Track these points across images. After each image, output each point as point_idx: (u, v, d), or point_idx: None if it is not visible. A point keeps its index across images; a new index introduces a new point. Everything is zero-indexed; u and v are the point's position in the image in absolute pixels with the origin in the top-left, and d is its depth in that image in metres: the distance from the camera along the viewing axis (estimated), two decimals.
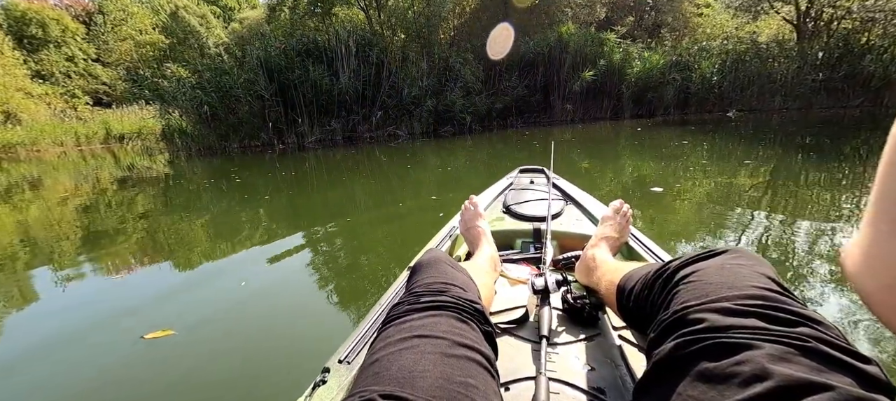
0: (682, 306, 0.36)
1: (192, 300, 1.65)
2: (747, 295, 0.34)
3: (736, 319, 0.32)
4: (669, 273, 0.43)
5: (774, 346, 0.28)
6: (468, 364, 0.38)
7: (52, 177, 6.11)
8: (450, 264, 0.57)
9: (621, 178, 3.41)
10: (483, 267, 0.73)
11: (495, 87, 9.01)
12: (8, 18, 15.07)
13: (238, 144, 7.62)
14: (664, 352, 0.34)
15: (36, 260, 2.23)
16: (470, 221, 0.94)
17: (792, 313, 0.31)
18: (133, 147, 10.54)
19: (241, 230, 2.62)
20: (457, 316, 0.44)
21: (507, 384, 0.53)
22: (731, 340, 0.30)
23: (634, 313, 0.50)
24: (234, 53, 8.11)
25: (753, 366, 0.27)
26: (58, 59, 15.88)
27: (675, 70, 9.10)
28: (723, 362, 0.29)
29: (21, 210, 3.69)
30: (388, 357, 0.38)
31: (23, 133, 11.12)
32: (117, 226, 2.93)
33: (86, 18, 17.32)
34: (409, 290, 0.52)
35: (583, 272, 0.76)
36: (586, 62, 9.04)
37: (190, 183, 4.84)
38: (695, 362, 0.31)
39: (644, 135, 6.24)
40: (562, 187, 1.44)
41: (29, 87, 14.14)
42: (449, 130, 8.61)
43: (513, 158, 4.93)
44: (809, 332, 0.29)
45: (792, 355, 0.27)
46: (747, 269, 0.38)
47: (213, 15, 15.58)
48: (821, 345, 0.28)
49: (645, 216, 2.29)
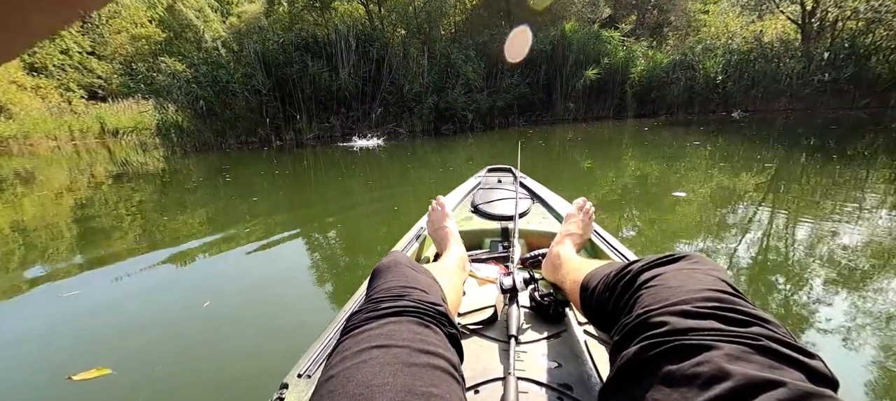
0: (645, 309, 0.37)
1: (141, 326, 1.39)
2: (704, 297, 0.35)
3: (695, 321, 0.33)
4: (631, 277, 0.45)
5: (731, 346, 0.30)
6: (431, 372, 0.37)
7: (44, 173, 5.98)
8: (410, 266, 0.55)
9: (629, 180, 3.31)
10: (451, 268, 0.72)
11: (497, 85, 8.91)
12: None
13: (235, 140, 7.50)
14: (629, 355, 0.35)
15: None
16: (438, 222, 0.93)
17: (745, 313, 0.33)
18: (128, 142, 10.41)
19: (216, 241, 2.46)
20: (418, 321, 0.42)
21: (476, 386, 0.52)
22: (691, 342, 0.31)
23: (597, 312, 0.51)
24: (231, 47, 7.98)
25: (712, 367, 0.28)
26: (52, 51, 15.68)
27: (679, 69, 9.02)
28: (684, 363, 0.30)
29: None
30: (344, 373, 0.36)
31: (15, 127, 10.97)
32: (71, 233, 2.82)
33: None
34: (368, 297, 0.49)
35: (549, 270, 0.77)
36: (589, 60, 8.95)
37: (178, 183, 4.73)
38: (658, 365, 0.32)
39: (651, 135, 6.16)
40: (528, 186, 1.46)
41: (22, 79, 13.95)
42: (450, 128, 8.51)
43: (514, 156, 4.84)
44: (761, 331, 0.31)
45: (747, 354, 0.29)
46: (703, 273, 0.40)
47: (210, 9, 15.40)
48: (772, 343, 0.30)
49: (668, 226, 2.20)
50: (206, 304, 1.47)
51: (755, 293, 1.38)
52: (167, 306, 1.55)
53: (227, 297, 1.62)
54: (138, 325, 1.42)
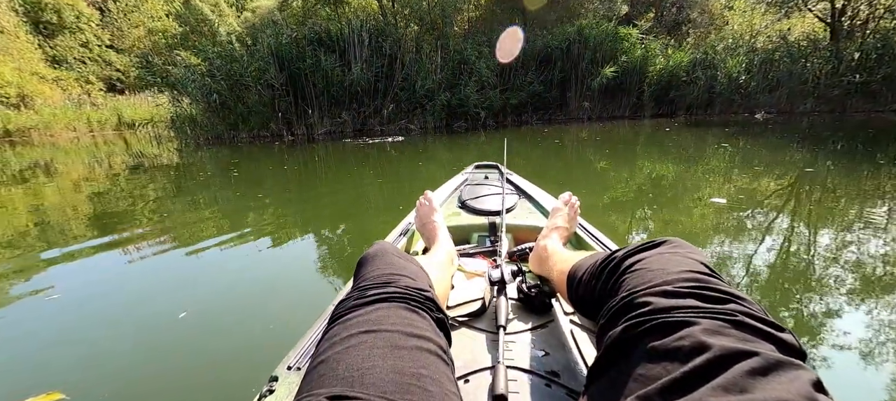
0: (629, 292, 0.39)
1: (106, 345, 1.26)
2: (684, 278, 0.38)
3: (676, 300, 0.35)
4: (615, 263, 0.47)
5: (709, 321, 0.32)
6: (420, 354, 0.38)
7: (63, 162, 6.14)
8: (398, 255, 0.56)
9: (645, 181, 3.22)
10: (440, 261, 0.73)
11: (510, 83, 8.82)
12: (24, 3, 15.31)
13: (247, 134, 7.58)
14: (615, 335, 0.36)
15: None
16: (425, 217, 0.94)
17: (721, 291, 0.35)
18: (144, 134, 10.63)
19: (211, 240, 2.43)
20: (406, 306, 0.43)
21: (466, 376, 0.53)
22: (672, 319, 0.33)
23: (583, 299, 0.53)
24: (245, 41, 8.06)
25: (693, 340, 0.30)
26: (73, 44, 16.10)
27: (699, 68, 8.79)
28: (666, 339, 0.32)
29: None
30: (334, 357, 0.36)
31: (36, 117, 11.30)
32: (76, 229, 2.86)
33: (100, 4, 17.53)
34: (356, 285, 0.49)
35: (536, 263, 0.79)
36: (606, 58, 8.78)
37: (189, 176, 4.79)
38: (643, 342, 0.34)
39: (673, 135, 6.00)
40: (515, 182, 1.49)
41: (44, 71, 14.37)
42: (462, 126, 8.46)
43: (527, 156, 4.78)
44: (737, 307, 0.33)
45: (724, 329, 0.31)
46: (682, 256, 0.42)
47: (225, 3, 15.61)
48: (746, 318, 0.32)
49: (685, 229, 2.12)
50: (181, 315, 1.35)
51: (772, 302, 1.31)
52: (154, 304, 1.54)
53: (225, 294, 1.61)
54: (132, 318, 1.42)
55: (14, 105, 11.58)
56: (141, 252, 2.04)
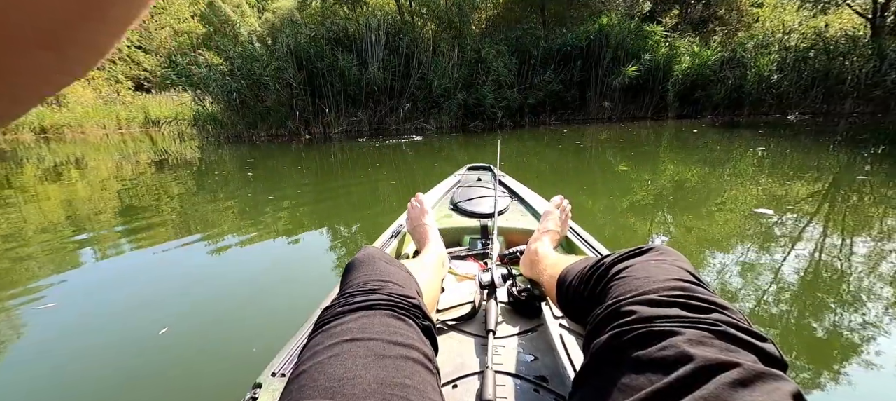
0: (615, 300, 0.40)
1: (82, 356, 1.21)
2: (669, 287, 0.38)
3: (660, 309, 0.35)
4: (603, 269, 0.47)
5: (693, 331, 0.32)
6: (405, 363, 0.37)
7: (93, 158, 6.43)
8: (385, 261, 0.55)
9: (668, 184, 3.12)
10: (430, 264, 0.72)
11: (528, 82, 8.73)
12: None
13: (265, 132, 7.76)
14: (601, 343, 0.36)
15: None
16: (417, 219, 0.94)
17: (706, 301, 0.36)
18: (168, 132, 11.03)
19: (223, 240, 2.39)
20: (391, 314, 0.43)
21: (454, 381, 0.53)
22: (656, 328, 0.34)
23: (572, 305, 0.53)
24: (265, 41, 8.26)
25: (676, 351, 0.31)
26: None
27: (727, 67, 8.48)
28: (650, 348, 0.32)
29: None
30: (315, 367, 0.36)
31: (70, 115, 11.90)
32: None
33: None
34: (342, 291, 0.49)
35: (527, 266, 0.79)
36: (629, 57, 8.59)
37: (208, 173, 4.93)
38: (627, 351, 0.34)
39: (701, 137, 5.82)
40: (507, 184, 1.48)
41: None
42: (478, 125, 8.43)
43: (544, 156, 4.71)
44: (720, 317, 0.33)
45: (707, 339, 0.31)
46: (669, 264, 0.43)
47: (248, 4, 16.06)
48: (730, 328, 0.32)
49: (707, 234, 2.04)
50: (162, 331, 1.26)
51: (801, 318, 1.24)
52: (158, 305, 1.58)
53: (226, 293, 1.65)
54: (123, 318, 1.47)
55: (49, 103, 12.20)
56: (155, 248, 2.12)
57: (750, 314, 1.29)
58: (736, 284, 1.49)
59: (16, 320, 1.43)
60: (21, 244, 2.22)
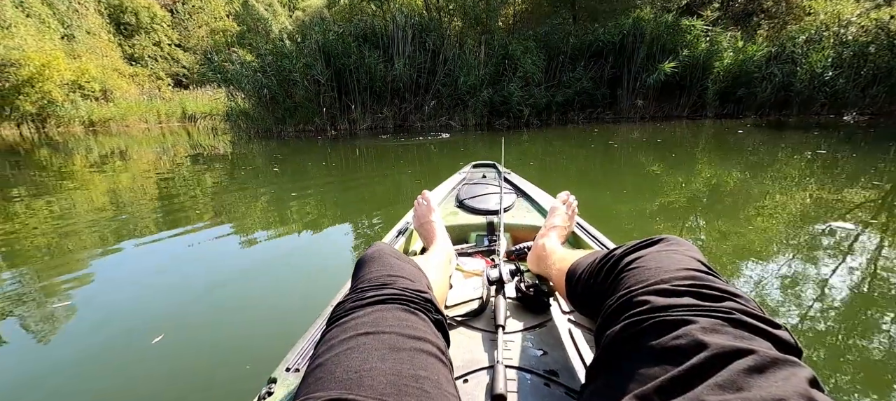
0: (627, 290, 0.40)
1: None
2: (681, 276, 0.38)
3: (673, 298, 0.36)
4: (614, 261, 0.47)
5: (706, 319, 0.32)
6: (418, 356, 0.38)
7: (136, 151, 6.86)
8: (395, 256, 0.56)
9: (703, 187, 2.97)
10: (438, 261, 0.73)
11: (557, 79, 8.55)
12: (108, 6, 17.30)
13: (293, 128, 8.00)
14: (614, 334, 0.37)
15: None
16: (423, 217, 0.95)
17: (718, 289, 0.36)
18: (203, 126, 11.61)
19: (245, 235, 2.52)
20: (404, 308, 0.44)
21: (465, 376, 0.54)
22: (670, 317, 0.34)
23: (583, 298, 0.54)
24: (295, 38, 8.51)
25: (690, 339, 0.31)
26: (147, 43, 17.96)
27: (775, 63, 7.97)
28: (664, 338, 0.32)
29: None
30: (332, 360, 0.36)
31: (115, 109, 12.75)
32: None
33: (171, 6, 19.39)
34: (354, 287, 0.50)
35: (534, 262, 0.80)
36: (665, 53, 8.23)
37: (236, 167, 5.13)
38: (641, 341, 0.34)
39: (746, 138, 5.51)
40: (512, 181, 1.50)
41: (123, 68, 16.17)
42: (504, 123, 8.34)
43: (571, 156, 4.60)
44: (733, 305, 0.34)
45: (721, 327, 0.31)
46: (680, 254, 0.43)
47: (279, 3, 16.61)
48: (743, 316, 0.32)
49: (744, 242, 1.92)
50: (156, 339, 1.23)
51: (844, 334, 1.14)
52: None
53: (237, 292, 1.70)
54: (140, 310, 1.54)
55: (97, 98, 13.12)
56: (183, 237, 2.23)
57: (793, 331, 1.20)
58: (776, 298, 1.39)
59: (62, 293, 1.55)
60: (69, 225, 2.39)
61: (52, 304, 1.50)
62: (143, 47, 17.77)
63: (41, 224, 2.51)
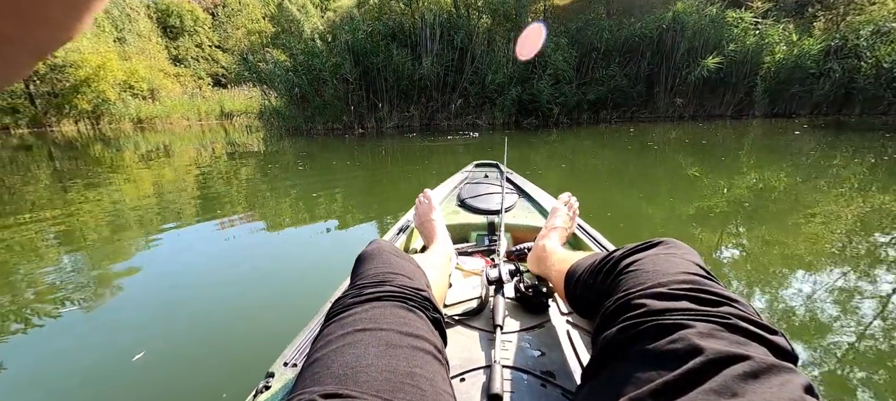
0: (625, 293, 0.40)
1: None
2: (679, 280, 0.38)
3: (670, 302, 0.36)
4: (612, 263, 0.47)
5: (703, 324, 0.32)
6: (414, 353, 0.38)
7: (178, 147, 7.31)
8: (394, 254, 0.57)
9: (746, 192, 2.77)
10: (438, 260, 0.74)
11: (589, 76, 8.31)
12: (157, 11, 18.54)
13: (322, 126, 8.23)
14: (610, 336, 0.37)
15: None
16: (424, 215, 0.96)
17: (715, 294, 0.36)
18: (239, 124, 12.19)
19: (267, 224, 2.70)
20: (402, 305, 0.44)
21: (461, 375, 0.54)
22: (667, 321, 0.34)
23: (581, 300, 0.54)
24: (325, 38, 8.76)
25: (686, 343, 0.31)
26: (190, 45, 19.09)
27: (834, 58, 7.36)
28: (661, 341, 0.33)
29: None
30: (328, 355, 0.37)
31: (161, 108, 13.65)
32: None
33: (212, 10, 20.50)
34: (353, 283, 0.51)
35: (534, 262, 0.80)
36: (708, 48, 7.81)
37: (268, 163, 5.33)
38: (637, 344, 0.34)
39: (799, 139, 5.13)
40: (514, 181, 1.50)
41: (168, 68, 17.26)
42: (532, 122, 8.21)
43: (602, 157, 4.45)
44: (730, 310, 0.34)
45: (717, 331, 0.32)
46: (678, 257, 0.43)
47: (312, 4, 17.16)
48: (740, 321, 0.32)
49: (791, 251, 1.78)
50: (137, 356, 1.16)
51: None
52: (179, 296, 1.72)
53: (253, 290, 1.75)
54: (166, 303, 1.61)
55: (145, 97, 14.09)
56: (213, 224, 2.34)
57: (847, 350, 1.10)
58: (829, 314, 1.28)
59: (111, 277, 1.66)
60: (119, 215, 2.58)
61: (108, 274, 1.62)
62: (187, 49, 18.90)
63: (94, 211, 2.72)
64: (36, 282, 1.68)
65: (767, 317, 1.13)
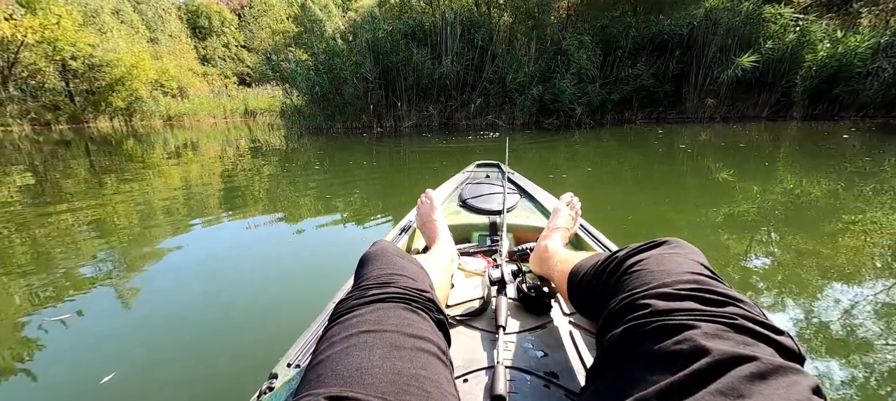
0: (629, 293, 0.40)
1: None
2: (684, 280, 0.38)
3: (676, 302, 0.35)
4: (616, 263, 0.47)
5: (709, 324, 0.32)
6: (419, 355, 0.38)
7: (204, 143, 7.59)
8: (398, 255, 0.57)
9: (786, 201, 2.62)
10: (440, 260, 0.74)
11: (614, 75, 8.10)
12: (187, 12, 19.35)
13: (341, 125, 8.36)
14: (615, 336, 0.37)
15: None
16: (426, 215, 0.96)
17: (721, 294, 0.36)
18: (262, 122, 12.55)
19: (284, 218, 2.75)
20: (406, 306, 0.44)
21: (464, 376, 0.54)
22: (672, 322, 0.34)
23: (584, 300, 0.54)
24: (346, 38, 8.90)
25: (692, 344, 0.31)
26: (217, 45, 19.83)
27: (884, 56, 6.91)
28: (666, 342, 0.32)
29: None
30: (333, 357, 0.37)
31: (189, 106, 14.24)
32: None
33: (239, 11, 21.22)
34: (356, 284, 0.51)
35: (536, 263, 0.80)
36: (743, 45, 7.48)
37: (291, 160, 5.45)
38: (642, 345, 0.34)
39: (845, 143, 4.85)
40: (516, 181, 1.51)
41: (197, 68, 17.99)
42: (553, 123, 8.08)
43: (626, 159, 4.33)
44: (736, 310, 0.34)
45: (723, 332, 0.32)
46: (683, 257, 0.43)
47: (334, 5, 17.51)
48: (746, 321, 0.32)
49: (831, 263, 1.67)
50: (105, 379, 1.06)
51: None
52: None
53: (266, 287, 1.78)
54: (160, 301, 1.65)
55: (174, 95, 14.72)
56: (223, 222, 2.40)
57: (893, 370, 1.02)
58: (871, 330, 1.19)
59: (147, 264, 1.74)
60: (150, 209, 2.70)
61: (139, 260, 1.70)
62: (214, 49, 19.66)
63: (125, 202, 2.86)
64: (71, 270, 1.77)
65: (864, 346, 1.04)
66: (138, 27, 16.26)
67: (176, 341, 1.26)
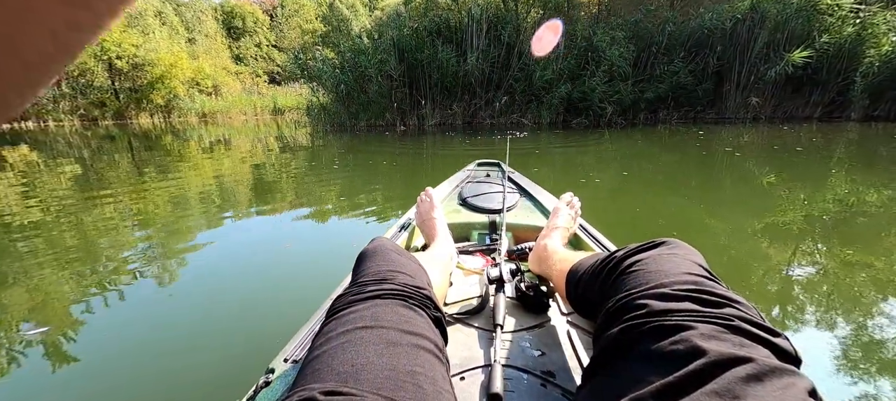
0: (627, 292, 0.40)
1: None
2: (682, 281, 0.39)
3: (673, 303, 0.36)
4: (614, 263, 0.48)
5: (706, 325, 0.33)
6: (416, 352, 0.39)
7: (236, 139, 7.92)
8: (396, 252, 0.58)
9: (837, 210, 2.41)
10: (439, 258, 0.75)
11: (647, 73, 7.80)
12: (222, 13, 20.27)
13: (365, 122, 8.48)
14: (612, 336, 0.37)
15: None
16: (426, 213, 0.97)
17: (718, 295, 0.36)
18: (289, 119, 12.95)
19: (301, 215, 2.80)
20: (403, 303, 0.45)
21: (461, 374, 0.55)
22: (669, 322, 0.34)
23: (582, 299, 0.55)
24: (372, 36, 9.03)
25: (688, 345, 0.31)
26: (250, 45, 20.64)
27: None
28: (663, 342, 0.33)
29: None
30: (329, 352, 0.38)
31: (223, 103, 14.91)
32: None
33: (271, 11, 22.02)
34: (354, 281, 0.52)
35: (535, 262, 0.81)
36: (793, 39, 7.01)
37: (315, 158, 5.58)
38: (639, 344, 0.35)
39: None
40: (516, 180, 1.52)
41: (230, 66, 18.80)
42: (581, 122, 7.87)
43: (657, 161, 4.14)
44: (733, 312, 0.34)
45: (720, 333, 0.32)
46: (681, 258, 0.43)
47: (361, 4, 17.85)
48: (743, 323, 0.33)
49: (881, 274, 1.52)
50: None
51: None
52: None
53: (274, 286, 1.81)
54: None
55: (209, 93, 15.46)
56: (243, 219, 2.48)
57: None
58: None
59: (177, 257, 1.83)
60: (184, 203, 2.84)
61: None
62: (247, 48, 20.48)
63: (163, 195, 3.03)
64: (112, 257, 1.88)
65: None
66: (178, 28, 17.18)
67: (173, 336, 1.29)
